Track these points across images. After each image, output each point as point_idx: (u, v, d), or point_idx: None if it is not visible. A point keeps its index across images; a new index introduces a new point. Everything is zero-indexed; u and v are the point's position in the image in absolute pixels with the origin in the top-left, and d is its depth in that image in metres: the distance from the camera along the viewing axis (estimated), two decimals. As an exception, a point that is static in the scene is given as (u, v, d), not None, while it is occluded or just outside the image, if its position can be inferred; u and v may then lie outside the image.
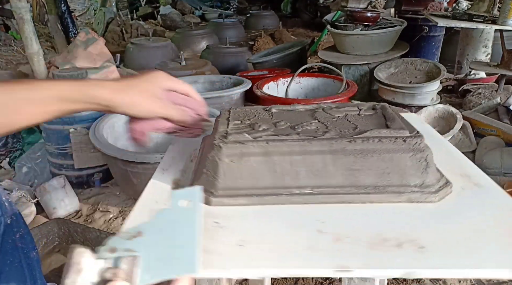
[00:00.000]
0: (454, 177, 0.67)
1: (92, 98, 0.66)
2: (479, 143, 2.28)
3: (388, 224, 0.57)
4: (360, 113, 0.73)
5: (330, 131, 0.65)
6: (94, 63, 2.44)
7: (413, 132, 0.63)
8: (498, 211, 0.59)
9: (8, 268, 0.83)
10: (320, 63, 3.47)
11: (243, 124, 0.71)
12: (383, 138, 0.62)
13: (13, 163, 2.29)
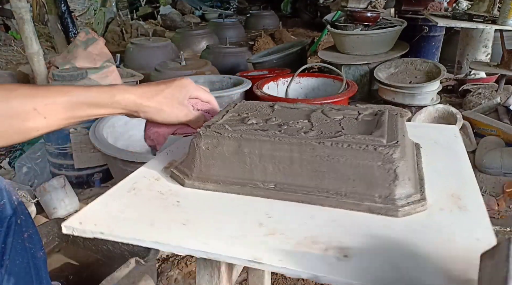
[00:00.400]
0: (442, 196, 0.63)
1: (120, 104, 0.68)
2: (479, 143, 2.28)
3: (330, 229, 0.56)
4: (358, 118, 0.71)
5: (311, 132, 0.64)
6: (94, 63, 2.44)
7: (391, 142, 0.60)
8: (460, 243, 0.52)
9: (18, 269, 0.83)
10: (320, 63, 3.48)
11: (238, 117, 0.74)
12: (353, 144, 0.60)
13: (13, 163, 2.29)
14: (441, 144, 0.84)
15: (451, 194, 0.64)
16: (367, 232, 0.55)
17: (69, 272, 1.44)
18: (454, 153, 0.79)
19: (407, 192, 0.59)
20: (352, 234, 0.55)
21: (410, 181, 0.59)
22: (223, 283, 0.72)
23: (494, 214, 1.78)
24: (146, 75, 3.15)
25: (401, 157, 0.58)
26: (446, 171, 0.70)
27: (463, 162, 0.75)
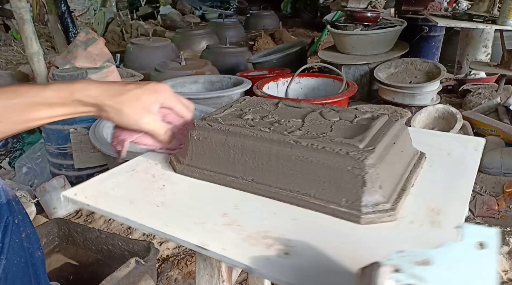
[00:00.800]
0: (421, 209, 0.61)
1: (80, 102, 0.63)
2: (479, 143, 2.28)
3: (285, 227, 0.57)
4: (353, 121, 0.70)
5: (297, 131, 0.65)
6: (94, 63, 2.44)
7: (368, 147, 0.59)
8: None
9: (15, 268, 0.83)
10: (320, 63, 3.48)
11: (238, 112, 0.75)
12: (327, 147, 0.60)
13: (13, 163, 2.29)
14: (454, 156, 0.80)
15: (432, 209, 0.61)
16: (321, 235, 0.55)
17: (69, 272, 1.44)
18: (463, 167, 0.75)
19: (375, 200, 0.57)
20: (306, 234, 0.56)
21: (382, 189, 0.58)
22: (223, 283, 0.72)
23: (494, 214, 1.78)
24: (146, 75, 3.15)
25: (373, 163, 0.57)
26: (441, 184, 0.68)
27: (466, 177, 0.72)
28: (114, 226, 1.82)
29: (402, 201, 0.61)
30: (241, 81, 2.56)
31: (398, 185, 0.63)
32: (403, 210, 0.60)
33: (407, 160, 0.71)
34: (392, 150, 0.63)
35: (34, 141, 2.40)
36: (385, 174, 0.59)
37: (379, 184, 0.58)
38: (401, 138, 0.69)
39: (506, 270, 1.49)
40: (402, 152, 0.68)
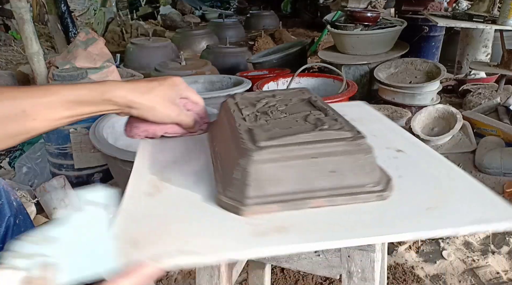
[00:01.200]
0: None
1: (110, 101, 0.66)
2: (479, 143, 2.28)
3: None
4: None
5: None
6: (94, 63, 2.44)
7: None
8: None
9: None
10: (320, 63, 3.47)
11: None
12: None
13: (13, 163, 2.29)
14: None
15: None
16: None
17: (69, 272, 1.44)
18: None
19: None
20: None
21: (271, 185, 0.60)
22: (223, 283, 0.72)
23: (494, 214, 1.78)
24: (146, 75, 3.15)
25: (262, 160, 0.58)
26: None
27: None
28: (114, 226, 1.82)
29: None
30: (241, 81, 2.56)
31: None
32: None
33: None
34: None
35: (34, 141, 2.40)
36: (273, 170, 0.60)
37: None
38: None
39: (506, 270, 1.49)
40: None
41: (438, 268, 1.51)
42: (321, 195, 0.58)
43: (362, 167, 0.59)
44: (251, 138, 0.60)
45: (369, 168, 0.59)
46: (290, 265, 0.69)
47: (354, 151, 0.58)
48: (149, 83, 0.69)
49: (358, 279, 0.64)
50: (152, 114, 0.70)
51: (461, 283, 1.44)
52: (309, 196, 0.58)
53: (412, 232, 0.53)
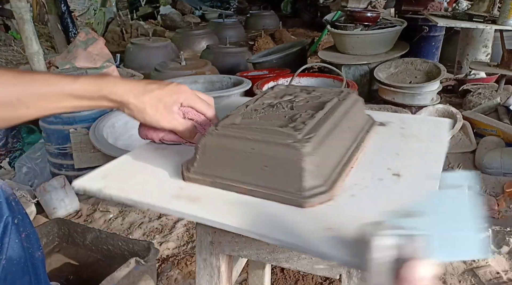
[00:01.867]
0: (365, 178, 0.65)
1: (106, 97, 0.66)
2: (479, 143, 2.28)
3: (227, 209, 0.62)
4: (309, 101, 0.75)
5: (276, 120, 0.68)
6: (94, 63, 2.44)
7: (307, 136, 0.61)
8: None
9: (15, 269, 0.83)
10: (320, 63, 3.47)
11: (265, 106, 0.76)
12: (268, 137, 0.62)
13: (13, 163, 2.29)
14: (409, 127, 0.85)
15: (372, 176, 0.66)
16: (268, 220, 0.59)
17: (69, 272, 1.44)
18: (416, 135, 0.81)
19: (311, 185, 0.60)
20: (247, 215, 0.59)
21: (320, 173, 0.61)
22: (223, 283, 0.72)
23: (494, 214, 1.78)
24: (146, 75, 3.15)
25: (310, 152, 0.59)
26: (395, 149, 0.74)
27: (429, 142, 0.77)
28: (114, 226, 1.82)
29: (343, 178, 0.64)
30: (241, 81, 2.56)
31: (340, 163, 0.66)
32: (345, 184, 0.64)
33: (356, 131, 0.75)
34: (336, 130, 0.67)
35: (34, 141, 2.40)
36: (324, 157, 0.62)
37: (317, 169, 0.60)
38: (351, 113, 0.73)
39: (506, 270, 1.49)
40: (349, 127, 0.72)
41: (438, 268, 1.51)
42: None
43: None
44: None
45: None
46: (290, 265, 0.69)
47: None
48: (148, 86, 0.69)
49: (358, 279, 0.64)
50: (141, 116, 0.69)
51: (461, 283, 1.44)
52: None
53: (280, 239, 0.53)
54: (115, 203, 1.98)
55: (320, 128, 0.63)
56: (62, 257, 1.51)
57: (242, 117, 0.67)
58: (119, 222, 1.85)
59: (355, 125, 0.75)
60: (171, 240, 1.70)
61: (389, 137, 0.81)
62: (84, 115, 2.01)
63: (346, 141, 0.71)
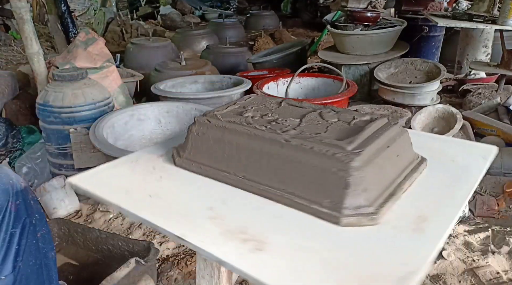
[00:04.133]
0: (408, 215, 0.60)
1: None
2: (479, 143, 2.28)
3: (267, 224, 0.59)
4: (351, 122, 0.70)
5: (291, 131, 0.66)
6: (94, 63, 2.44)
7: (356, 150, 0.58)
8: (378, 264, 0.50)
9: (30, 270, 0.83)
10: (320, 63, 3.47)
11: (240, 109, 0.78)
12: (315, 148, 0.60)
13: (13, 163, 2.29)
14: (458, 162, 0.77)
15: (419, 215, 0.60)
16: (299, 233, 0.56)
17: (69, 272, 1.44)
18: (466, 174, 0.72)
19: (357, 203, 0.57)
20: (284, 231, 0.57)
21: (366, 192, 0.57)
22: (223, 283, 0.72)
23: (494, 214, 1.78)
24: (146, 75, 3.15)
25: (359, 166, 0.57)
26: (436, 191, 0.67)
27: (466, 185, 0.69)
28: (114, 226, 1.82)
29: (389, 206, 0.60)
30: (241, 81, 2.55)
31: (388, 189, 0.62)
32: (388, 215, 0.59)
33: (403, 164, 0.69)
34: (384, 153, 0.62)
35: (34, 141, 2.40)
36: (371, 177, 0.58)
37: (364, 187, 0.57)
38: (398, 142, 0.67)
39: (506, 270, 1.49)
40: (397, 156, 0.67)
41: (438, 268, 1.51)
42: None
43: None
44: (331, 145, 0.63)
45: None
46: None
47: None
48: None
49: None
50: None
51: (461, 283, 1.44)
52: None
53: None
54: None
55: (368, 145, 0.61)
56: (62, 257, 1.51)
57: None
58: (119, 222, 1.85)
59: (403, 155, 0.70)
60: (171, 240, 1.70)
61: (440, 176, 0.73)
62: (84, 115, 2.01)
63: (394, 169, 0.67)
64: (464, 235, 1.67)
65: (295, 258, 0.52)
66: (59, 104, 1.98)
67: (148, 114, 2.13)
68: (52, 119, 2.01)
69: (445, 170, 0.75)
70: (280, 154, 0.63)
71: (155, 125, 2.14)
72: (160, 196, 0.67)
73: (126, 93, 2.62)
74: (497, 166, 2.05)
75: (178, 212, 0.62)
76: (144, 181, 0.72)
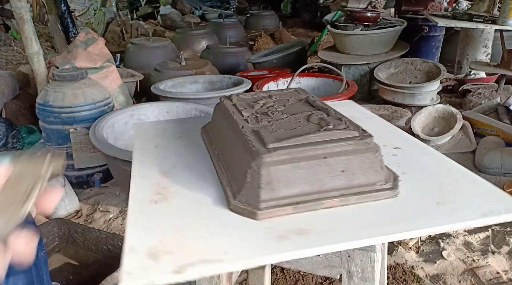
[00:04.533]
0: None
1: None
2: (479, 143, 2.28)
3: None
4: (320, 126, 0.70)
5: (263, 122, 0.68)
6: (94, 63, 2.44)
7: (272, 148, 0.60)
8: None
9: (16, 270, 0.83)
10: (320, 63, 3.47)
11: (267, 99, 0.77)
12: (240, 136, 0.63)
13: (13, 163, 2.28)
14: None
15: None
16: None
17: (69, 272, 1.44)
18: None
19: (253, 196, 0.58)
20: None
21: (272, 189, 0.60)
22: (223, 283, 0.72)
23: (494, 214, 1.78)
24: (146, 75, 3.15)
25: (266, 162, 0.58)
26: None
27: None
28: (114, 226, 1.82)
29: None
30: (241, 81, 2.56)
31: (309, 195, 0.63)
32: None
33: (350, 180, 0.63)
34: (315, 162, 0.61)
35: (34, 141, 2.40)
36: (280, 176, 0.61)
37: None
38: (348, 158, 0.62)
39: (506, 270, 1.49)
40: (342, 171, 0.62)
41: (438, 268, 1.51)
42: (334, 195, 0.58)
43: (371, 165, 0.59)
44: (259, 140, 0.59)
45: (378, 166, 0.59)
46: (290, 265, 0.69)
47: (363, 150, 0.59)
48: None
49: (358, 279, 0.64)
50: None
51: (461, 283, 1.44)
52: (322, 196, 0.57)
53: (427, 228, 0.53)
54: (115, 203, 1.98)
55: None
56: (62, 257, 1.51)
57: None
58: (119, 222, 1.85)
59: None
60: (171, 240, 1.69)
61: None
62: (84, 115, 2.01)
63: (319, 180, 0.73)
64: (464, 235, 1.67)
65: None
66: (59, 104, 1.98)
67: (148, 114, 2.13)
68: (52, 119, 2.01)
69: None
70: (232, 138, 0.66)
71: (155, 125, 2.14)
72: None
73: (126, 93, 2.62)
74: (497, 166, 2.05)
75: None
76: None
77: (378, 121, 0.91)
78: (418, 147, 0.76)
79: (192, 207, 0.60)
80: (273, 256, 0.49)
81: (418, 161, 0.71)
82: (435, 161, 0.71)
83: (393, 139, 0.79)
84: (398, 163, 0.69)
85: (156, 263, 0.48)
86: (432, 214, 0.56)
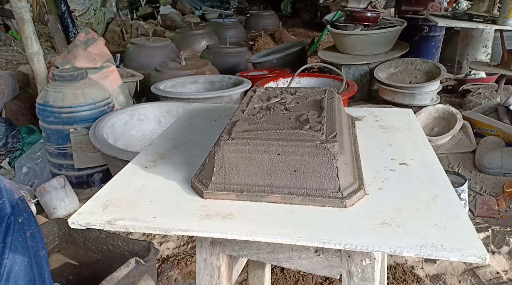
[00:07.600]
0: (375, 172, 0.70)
1: None
2: (479, 142, 2.28)
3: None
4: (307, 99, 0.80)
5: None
6: (94, 63, 2.44)
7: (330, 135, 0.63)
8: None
9: (18, 267, 0.83)
10: (320, 63, 3.47)
11: (283, 94, 0.80)
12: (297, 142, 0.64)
13: (13, 163, 2.29)
14: (385, 120, 0.94)
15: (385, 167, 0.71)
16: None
17: (69, 272, 1.44)
18: (396, 124, 0.89)
19: (348, 182, 0.61)
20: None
21: (349, 170, 0.62)
22: (223, 283, 0.72)
23: (494, 214, 1.78)
24: (146, 75, 3.15)
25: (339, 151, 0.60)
26: (384, 141, 0.81)
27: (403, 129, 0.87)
28: (114, 226, 1.82)
29: (362, 172, 0.66)
30: (241, 81, 2.56)
31: (354, 158, 0.69)
32: (366, 179, 0.66)
33: (348, 128, 0.78)
34: (342, 128, 0.69)
35: (34, 141, 2.40)
36: (347, 155, 0.63)
37: (347, 167, 0.61)
38: (342, 111, 0.77)
39: (506, 270, 1.49)
40: (344, 124, 0.75)
41: (438, 268, 1.51)
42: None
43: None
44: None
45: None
46: (290, 265, 0.69)
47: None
48: None
49: (358, 279, 0.64)
50: None
51: (461, 283, 1.44)
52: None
53: (330, 242, 0.53)
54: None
55: (335, 127, 0.64)
56: (62, 257, 1.51)
57: (248, 123, 0.67)
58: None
59: (346, 122, 0.79)
60: (171, 240, 1.70)
61: (372, 129, 0.86)
62: (84, 115, 2.01)
63: (348, 138, 0.74)
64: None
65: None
66: (59, 104, 1.98)
67: (148, 114, 2.13)
68: (52, 119, 2.01)
69: (374, 125, 0.91)
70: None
71: (155, 125, 2.15)
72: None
73: (126, 93, 2.62)
74: (497, 166, 2.05)
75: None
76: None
77: (415, 133, 0.85)
78: (428, 167, 0.70)
79: (168, 176, 0.70)
80: (186, 231, 0.57)
81: (411, 180, 0.66)
82: (431, 183, 0.65)
83: (408, 155, 0.75)
84: (386, 178, 0.67)
85: (102, 211, 0.64)
86: (358, 231, 0.55)
